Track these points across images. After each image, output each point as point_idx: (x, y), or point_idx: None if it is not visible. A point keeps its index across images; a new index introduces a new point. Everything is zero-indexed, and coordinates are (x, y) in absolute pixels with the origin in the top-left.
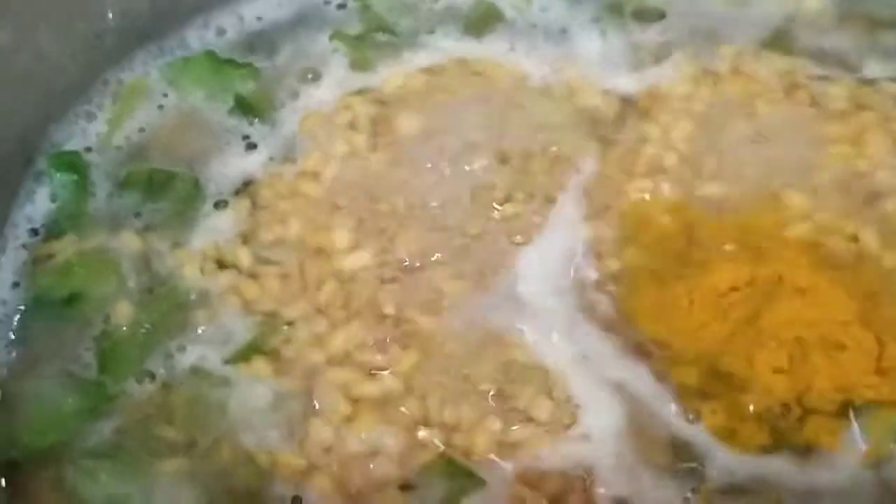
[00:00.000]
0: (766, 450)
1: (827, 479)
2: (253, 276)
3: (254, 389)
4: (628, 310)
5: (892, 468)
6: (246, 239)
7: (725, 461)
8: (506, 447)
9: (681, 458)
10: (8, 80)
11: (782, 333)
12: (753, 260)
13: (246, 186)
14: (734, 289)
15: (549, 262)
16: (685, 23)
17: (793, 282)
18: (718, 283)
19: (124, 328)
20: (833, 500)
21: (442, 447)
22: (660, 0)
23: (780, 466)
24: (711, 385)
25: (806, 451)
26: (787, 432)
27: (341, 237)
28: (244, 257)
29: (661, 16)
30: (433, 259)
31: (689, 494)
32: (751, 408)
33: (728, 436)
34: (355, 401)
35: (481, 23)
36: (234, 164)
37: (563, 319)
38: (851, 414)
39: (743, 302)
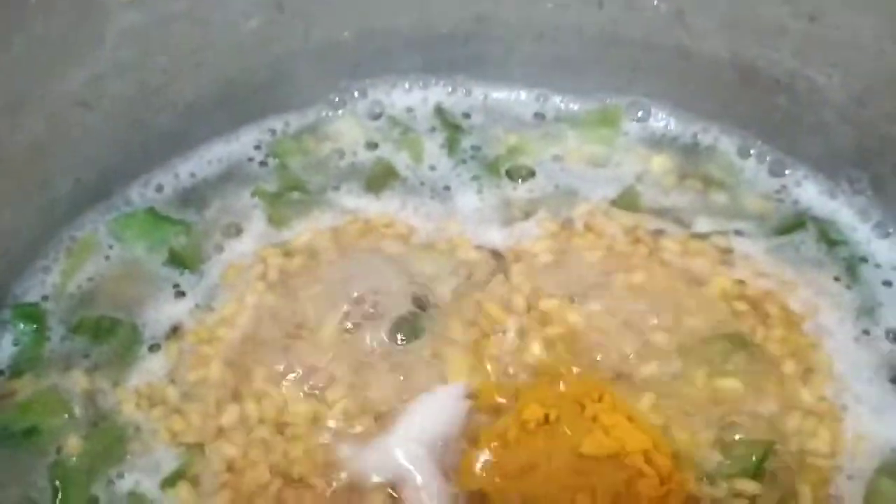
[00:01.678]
0: None
1: None
2: (179, 411)
3: None
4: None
5: None
6: (174, 378)
7: None
8: None
9: None
10: None
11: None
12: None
13: (175, 331)
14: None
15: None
16: (550, 181)
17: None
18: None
19: (74, 458)
20: None
21: None
22: (531, 160)
23: None
24: None
25: None
26: None
27: (252, 377)
28: (172, 395)
29: (530, 174)
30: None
31: None
32: None
33: None
34: None
35: (379, 180)
36: (165, 311)
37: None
38: None
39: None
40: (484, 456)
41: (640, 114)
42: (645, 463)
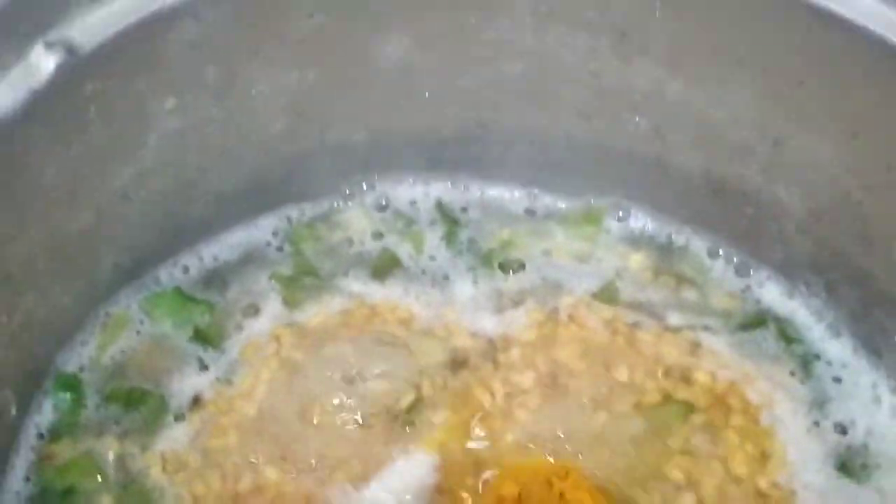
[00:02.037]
0: None
1: None
2: (200, 476)
3: None
4: None
5: None
6: (196, 446)
7: None
8: None
9: None
10: (30, 327)
11: None
12: None
13: (198, 402)
14: None
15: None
16: (539, 274)
17: None
18: None
19: None
20: None
21: None
22: (521, 253)
23: None
24: None
25: None
26: None
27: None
28: (193, 461)
29: (521, 266)
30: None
31: None
32: None
33: None
34: None
35: (384, 268)
36: (189, 383)
37: None
38: None
39: None
40: None
41: (620, 214)
42: None
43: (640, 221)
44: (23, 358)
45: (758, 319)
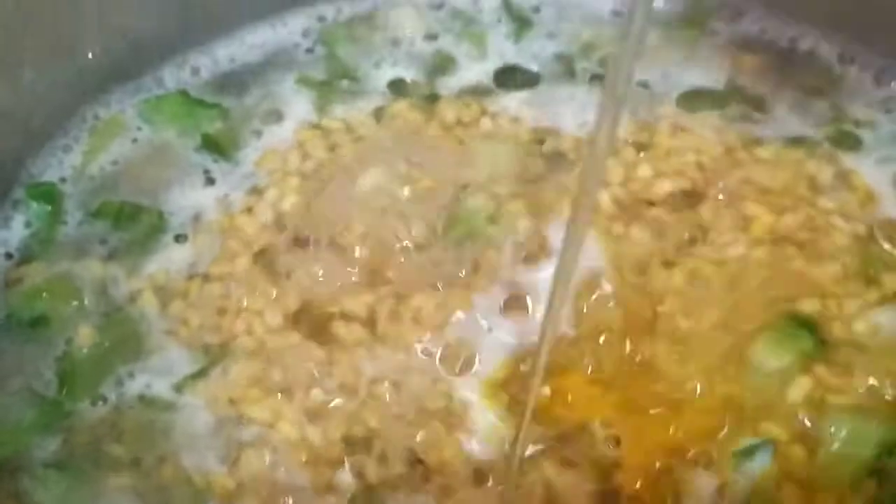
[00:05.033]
0: None
1: None
2: (199, 308)
3: (196, 415)
4: None
5: None
6: (197, 272)
7: None
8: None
9: None
10: None
11: None
12: None
13: (203, 221)
14: None
15: None
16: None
17: None
18: None
19: (84, 350)
20: None
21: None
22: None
23: None
24: None
25: None
26: None
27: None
28: (193, 290)
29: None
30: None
31: None
32: None
33: None
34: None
35: (438, 70)
36: (193, 198)
37: None
38: None
39: None
40: None
41: (730, 14)
42: None
43: (756, 23)
44: None
45: None
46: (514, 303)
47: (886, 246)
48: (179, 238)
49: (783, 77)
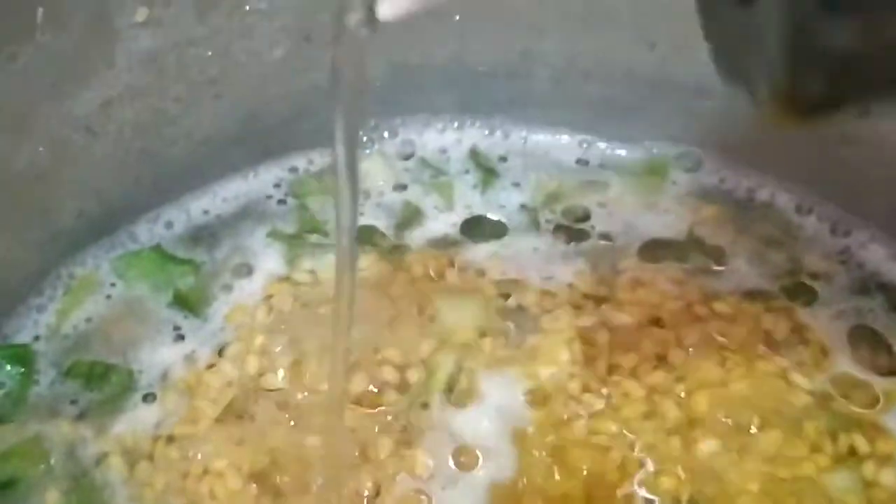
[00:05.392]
0: None
1: None
2: (164, 470)
3: None
4: None
5: None
6: (162, 432)
7: None
8: None
9: None
10: None
11: None
12: None
13: (171, 379)
14: None
15: None
16: (593, 229)
17: None
18: None
19: None
20: None
21: None
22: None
23: None
24: None
25: None
26: None
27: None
28: (159, 451)
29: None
30: None
31: None
32: None
33: None
34: None
35: (407, 222)
36: (163, 355)
37: None
38: None
39: None
40: None
41: (690, 163)
42: None
43: (715, 173)
44: None
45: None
46: None
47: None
48: (147, 397)
49: (741, 228)
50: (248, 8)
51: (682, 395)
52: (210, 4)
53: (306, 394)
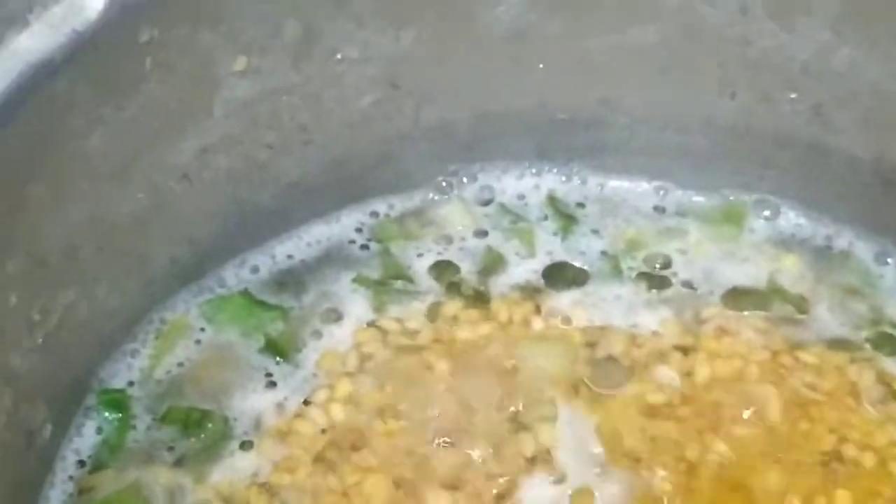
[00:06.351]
0: None
1: None
2: None
3: None
4: None
5: None
6: (260, 480)
7: None
8: None
9: None
10: (69, 331)
11: None
12: None
13: (265, 426)
14: None
15: None
16: (675, 277)
17: None
18: None
19: None
20: None
21: None
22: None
23: None
24: None
25: None
26: None
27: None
28: (255, 500)
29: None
30: None
31: None
32: None
33: None
34: None
35: (489, 270)
36: (256, 402)
37: None
38: None
39: None
40: None
41: (768, 212)
42: None
43: (792, 221)
44: (59, 368)
45: None
46: None
47: None
48: (244, 445)
49: (820, 276)
50: (339, 56)
51: None
52: (304, 52)
53: (399, 443)
